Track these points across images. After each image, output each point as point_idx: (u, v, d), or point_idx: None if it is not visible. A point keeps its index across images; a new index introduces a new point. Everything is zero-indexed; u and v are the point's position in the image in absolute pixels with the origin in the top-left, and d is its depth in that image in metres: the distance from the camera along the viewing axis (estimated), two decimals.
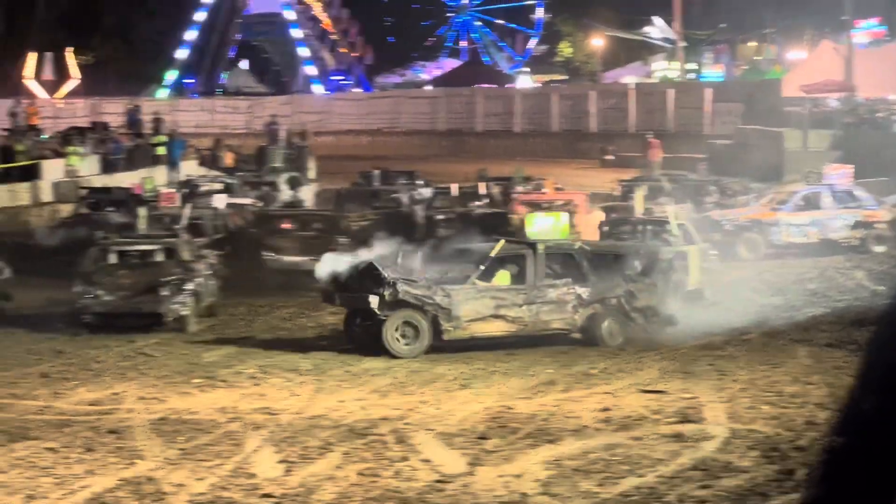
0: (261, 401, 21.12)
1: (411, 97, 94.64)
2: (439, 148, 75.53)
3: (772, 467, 16.28)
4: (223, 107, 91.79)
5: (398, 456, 17.40)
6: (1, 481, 16.45)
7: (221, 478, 16.44)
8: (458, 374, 23.12)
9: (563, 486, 15.80)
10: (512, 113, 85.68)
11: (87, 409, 20.70)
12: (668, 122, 74.83)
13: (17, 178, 50.76)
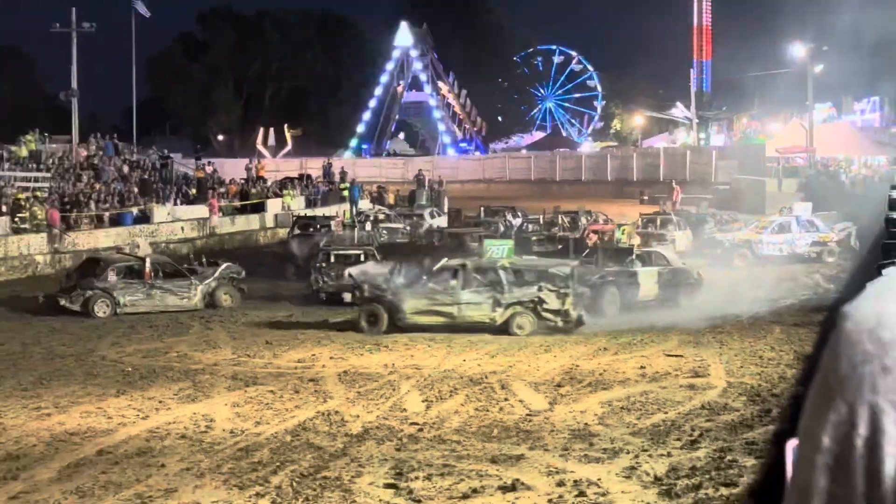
0: (410, 360, 21.18)
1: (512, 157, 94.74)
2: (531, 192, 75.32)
3: (755, 407, 16.14)
4: (387, 164, 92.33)
5: (502, 397, 17.42)
6: (239, 412, 16.63)
7: (384, 411, 16.53)
8: (542, 342, 23.03)
9: (612, 418, 15.77)
10: (580, 168, 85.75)
11: (294, 364, 20.87)
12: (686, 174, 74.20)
13: (251, 211, 51.34)
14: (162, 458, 13.87)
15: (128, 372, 20.31)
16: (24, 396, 18.07)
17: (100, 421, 16.11)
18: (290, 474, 12.99)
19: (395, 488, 12.36)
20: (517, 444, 14.35)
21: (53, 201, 40.74)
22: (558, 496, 11.92)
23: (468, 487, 12.30)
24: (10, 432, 15.46)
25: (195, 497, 12.15)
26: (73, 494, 12.37)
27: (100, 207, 42.86)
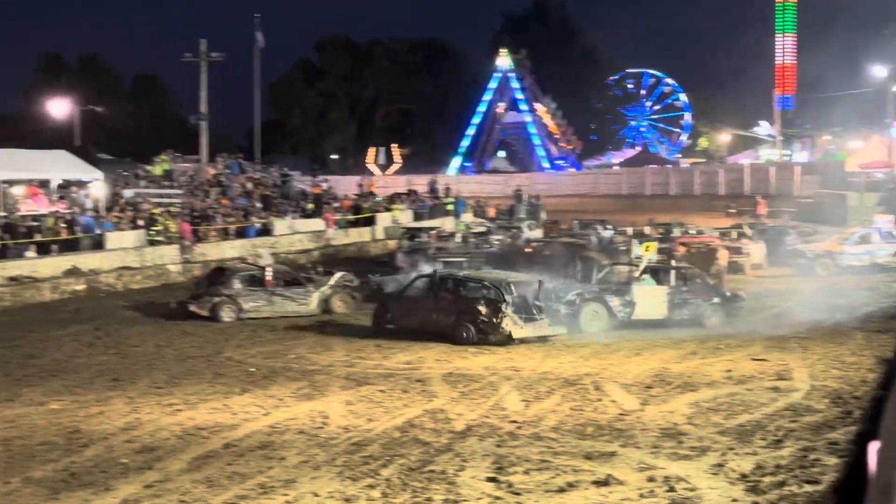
0: (510, 362, 21.13)
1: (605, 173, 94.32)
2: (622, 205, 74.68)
3: (837, 409, 15.78)
4: (488, 180, 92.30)
5: (595, 397, 17.29)
6: (352, 409, 16.74)
7: (485, 410, 16.51)
8: (633, 346, 22.84)
9: (700, 418, 15.55)
10: (668, 183, 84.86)
11: (402, 366, 20.95)
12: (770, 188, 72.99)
13: (363, 224, 51.70)
14: (282, 452, 14.02)
15: (251, 372, 20.59)
16: (158, 394, 18.42)
17: (226, 416, 16.34)
18: (399, 468, 13.03)
19: (496, 482, 12.33)
20: (610, 441, 14.23)
21: (185, 216, 41.50)
22: (649, 491, 11.79)
23: (564, 482, 12.22)
24: (145, 426, 15.75)
25: (312, 488, 12.24)
26: (201, 484, 12.55)
27: (226, 221, 43.55)
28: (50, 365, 21.97)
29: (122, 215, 39.62)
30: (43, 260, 33.90)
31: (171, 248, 38.66)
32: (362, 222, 51.97)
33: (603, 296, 25.98)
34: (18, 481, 12.85)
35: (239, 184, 50.60)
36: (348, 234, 49.89)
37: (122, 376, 20.32)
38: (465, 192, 74.83)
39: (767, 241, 40.87)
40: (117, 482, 12.70)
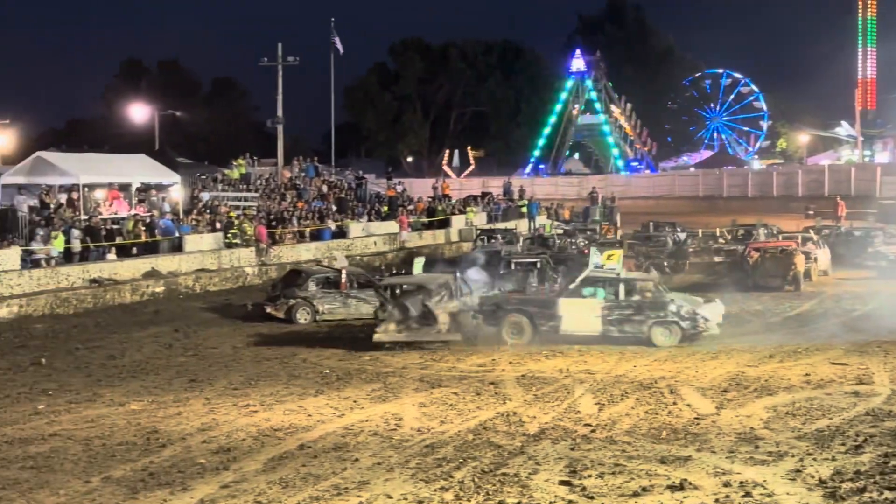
0: (583, 365, 21.02)
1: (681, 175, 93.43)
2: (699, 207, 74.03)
3: None
4: (563, 182, 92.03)
5: (670, 401, 17.14)
6: (425, 412, 16.78)
7: (559, 413, 16.45)
8: (708, 350, 22.59)
9: (777, 423, 15.36)
10: (746, 184, 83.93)
11: (476, 368, 20.95)
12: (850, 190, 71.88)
13: (437, 227, 51.83)
14: (356, 453, 14.10)
15: (326, 374, 20.73)
16: (235, 395, 18.64)
17: (301, 418, 16.48)
18: (472, 470, 13.04)
19: (570, 485, 12.28)
20: (685, 445, 14.10)
21: (261, 218, 41.94)
22: (725, 496, 11.66)
23: (638, 486, 12.14)
24: (221, 427, 15.94)
25: (385, 489, 12.30)
26: (276, 485, 12.68)
27: (301, 224, 43.92)
28: (130, 366, 22.35)
29: (199, 218, 40.16)
30: (123, 262, 34.47)
31: (248, 250, 39.09)
32: (436, 225, 52.12)
33: (526, 307, 24.40)
34: (98, 480, 13.09)
35: (314, 187, 51.00)
36: (422, 237, 50.04)
37: (200, 377, 20.60)
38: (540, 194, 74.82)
39: (852, 243, 40.15)
40: (194, 482, 12.88)
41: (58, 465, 13.93)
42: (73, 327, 28.30)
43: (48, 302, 30.58)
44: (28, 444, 15.07)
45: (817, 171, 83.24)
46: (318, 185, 51.64)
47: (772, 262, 33.38)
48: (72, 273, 32.34)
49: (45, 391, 19.38)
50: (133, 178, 40.14)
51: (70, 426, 16.26)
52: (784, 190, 79.98)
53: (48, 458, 14.30)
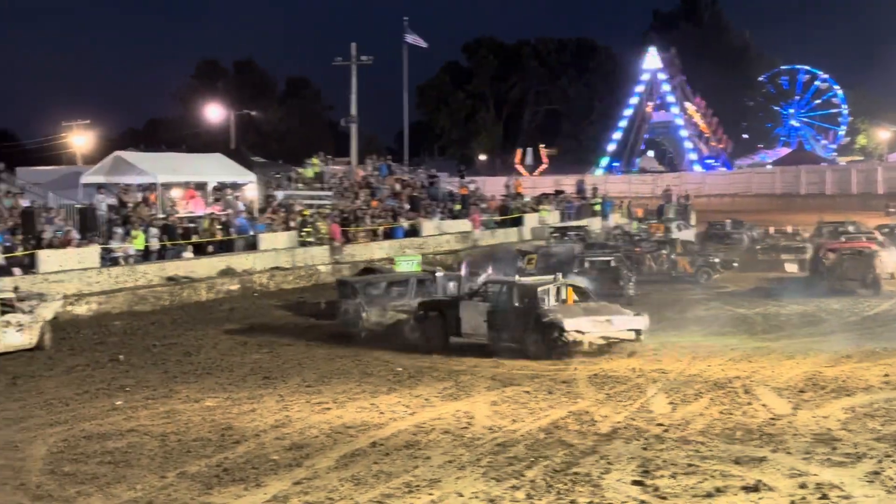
0: (657, 364, 20.86)
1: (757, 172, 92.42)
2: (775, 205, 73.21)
3: None
4: (637, 180, 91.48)
5: (745, 401, 16.95)
6: (497, 410, 16.77)
7: (631, 412, 16.35)
8: (784, 349, 22.30)
9: (855, 424, 15.11)
10: (824, 182, 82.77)
11: (548, 368, 20.85)
12: None
13: (510, 225, 51.77)
14: (427, 451, 14.12)
15: (397, 371, 20.80)
16: (308, 392, 18.77)
17: (373, 415, 16.55)
18: (544, 469, 12.99)
19: (642, 485, 12.18)
20: (760, 446, 13.92)
21: (335, 217, 42.19)
22: (801, 498, 11.48)
23: (712, 486, 12.00)
24: (295, 424, 16.06)
25: (457, 487, 12.30)
26: (348, 482, 12.74)
27: (375, 222, 44.12)
28: (205, 363, 22.61)
29: (274, 217, 40.52)
30: (199, 260, 34.90)
31: (322, 248, 39.35)
32: (509, 223, 52.03)
33: (440, 309, 23.72)
34: (174, 476, 13.25)
35: (388, 185, 51.19)
36: (495, 235, 49.99)
37: (274, 375, 20.78)
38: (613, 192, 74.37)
39: None
40: (268, 478, 12.99)
41: (134, 460, 14.14)
42: (151, 324, 28.71)
43: (126, 299, 31.07)
44: (106, 440, 15.31)
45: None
46: (391, 183, 51.83)
47: (850, 264, 32.24)
48: (149, 271, 32.83)
49: (122, 387, 19.69)
50: (209, 177, 40.65)
51: (147, 422, 16.50)
52: (863, 187, 78.75)
53: (125, 453, 14.52)
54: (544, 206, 55.68)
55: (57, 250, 30.65)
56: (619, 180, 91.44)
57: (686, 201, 63.13)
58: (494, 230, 50.50)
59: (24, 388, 19.82)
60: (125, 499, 12.32)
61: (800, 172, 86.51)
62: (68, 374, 21.31)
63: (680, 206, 60.24)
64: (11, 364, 22.35)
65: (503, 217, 52.37)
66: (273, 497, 12.21)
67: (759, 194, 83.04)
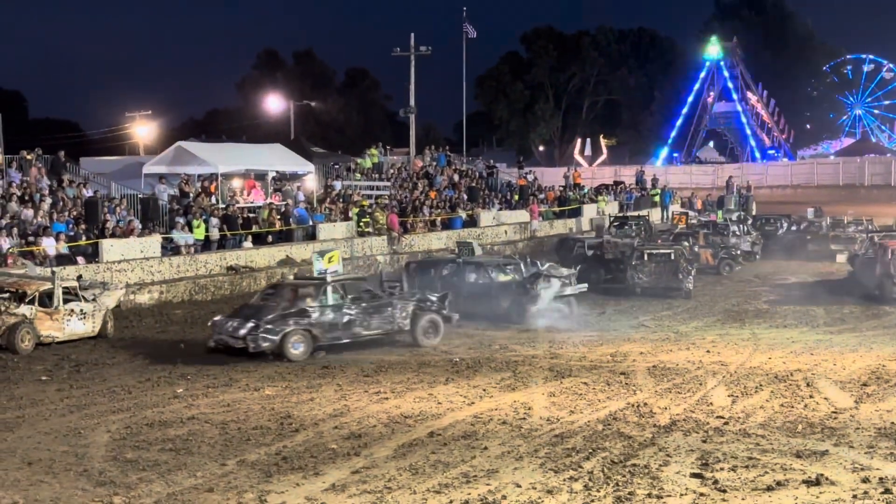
0: (716, 357, 20.72)
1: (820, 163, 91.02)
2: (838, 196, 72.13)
3: None
4: (697, 171, 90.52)
5: (807, 394, 16.79)
6: (555, 401, 16.74)
7: (690, 404, 16.25)
8: (846, 342, 22.04)
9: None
10: (889, 173, 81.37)
11: (606, 358, 20.81)
12: None
13: (568, 216, 51.61)
14: (485, 442, 14.13)
15: (455, 362, 20.83)
16: (366, 382, 18.85)
17: (430, 406, 16.59)
18: (602, 461, 12.95)
19: (701, 478, 12.10)
20: (821, 440, 13.77)
21: (393, 207, 42.30)
22: (863, 492, 11.35)
23: (772, 480, 11.90)
24: (353, 413, 16.15)
25: (514, 478, 12.30)
26: (406, 471, 12.79)
27: (433, 213, 44.17)
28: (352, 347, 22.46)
29: (333, 207, 40.71)
30: (259, 250, 35.16)
31: (380, 239, 39.48)
32: (567, 214, 51.85)
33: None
34: (234, 463, 13.38)
35: (446, 176, 51.23)
36: (553, 226, 49.85)
37: (332, 364, 20.88)
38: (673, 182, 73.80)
39: None
40: (326, 467, 13.08)
41: (195, 447, 14.29)
42: (211, 313, 28.84)
43: (187, 288, 31.40)
44: (167, 427, 15.49)
45: None
46: (449, 174, 51.85)
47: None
48: (210, 260, 33.13)
49: (183, 375, 19.89)
50: (269, 168, 40.89)
51: (207, 410, 16.66)
52: None
53: (186, 440, 14.67)
54: (603, 197, 55.44)
55: (119, 239, 31.03)
56: (680, 171, 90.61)
57: (747, 192, 62.54)
58: (553, 221, 50.35)
59: (87, 375, 20.09)
60: (186, 486, 12.46)
61: (864, 163, 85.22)
62: (130, 362, 21.57)
63: (741, 197, 59.69)
64: (75, 351, 22.66)
65: (561, 208, 52.20)
66: (331, 485, 12.29)
67: (821, 185, 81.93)
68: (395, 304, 23.24)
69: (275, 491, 12.14)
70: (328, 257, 23.88)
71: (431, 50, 54.75)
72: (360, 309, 22.75)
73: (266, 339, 21.36)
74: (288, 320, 21.77)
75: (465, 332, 24.77)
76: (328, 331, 22.21)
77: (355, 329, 22.60)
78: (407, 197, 45.79)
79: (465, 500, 11.54)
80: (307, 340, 21.84)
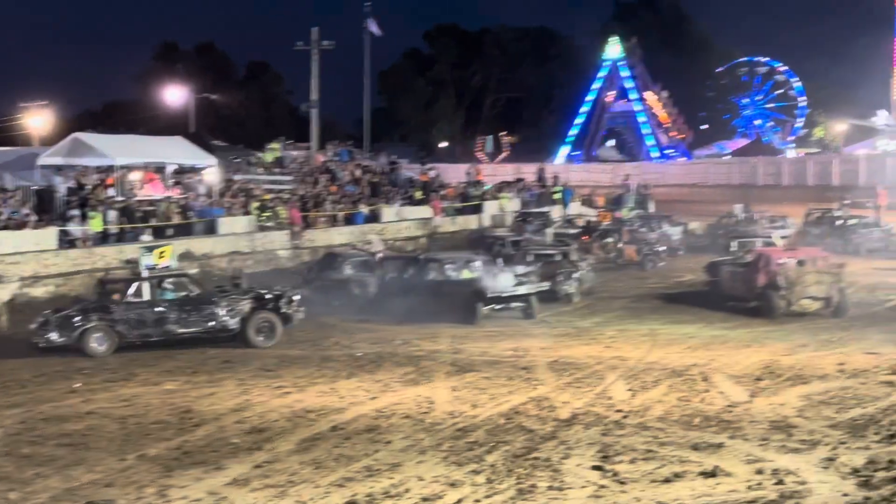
0: (615, 352, 20.99)
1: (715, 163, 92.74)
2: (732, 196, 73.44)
3: None
4: (596, 169, 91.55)
5: (703, 388, 17.11)
6: (457, 395, 16.82)
7: (591, 398, 16.45)
8: (741, 337, 22.53)
9: (811, 412, 15.28)
10: (781, 173, 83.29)
11: (508, 353, 20.97)
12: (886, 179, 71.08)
13: (470, 212, 51.80)
14: (388, 436, 14.15)
15: (358, 356, 20.81)
16: (268, 377, 18.75)
17: (333, 400, 16.55)
18: (504, 454, 13.05)
19: (602, 470, 12.28)
20: (717, 433, 14.06)
21: (295, 202, 42.03)
22: (757, 483, 11.62)
23: (670, 472, 12.11)
24: (255, 408, 16.04)
25: (417, 472, 12.34)
26: (309, 465, 12.74)
27: (335, 208, 44.00)
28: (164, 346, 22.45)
29: (234, 201, 40.31)
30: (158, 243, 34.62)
31: (281, 233, 39.20)
32: (469, 210, 52.05)
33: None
34: (134, 458, 13.21)
35: (348, 171, 51.05)
36: (455, 222, 50.02)
37: (233, 359, 20.72)
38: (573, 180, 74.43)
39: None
40: (228, 461, 12.97)
41: (93, 442, 14.07)
42: None
43: (84, 282, 30.74)
44: (64, 422, 15.22)
45: (853, 160, 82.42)
46: (351, 169, 51.69)
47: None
48: (107, 254, 32.55)
49: (81, 370, 19.56)
50: (169, 161, 40.33)
51: (105, 405, 16.42)
52: (819, 179, 79.31)
53: (84, 435, 14.44)
54: (504, 195, 55.73)
55: (13, 232, 30.35)
56: (579, 169, 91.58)
57: (645, 190, 63.41)
58: (455, 217, 50.51)
59: None
60: (84, 481, 12.26)
61: (757, 164, 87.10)
62: (25, 357, 21.12)
63: (640, 196, 60.53)
64: None
65: (464, 204, 52.38)
66: (234, 480, 12.19)
67: (716, 185, 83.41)
68: (219, 303, 22.65)
69: (176, 485, 12.01)
70: (159, 252, 23.64)
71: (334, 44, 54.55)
72: (174, 306, 22.31)
73: (59, 334, 21.42)
74: (90, 315, 21.58)
75: (366, 328, 24.78)
76: (135, 328, 21.93)
77: (168, 327, 22.22)
78: (309, 192, 45.53)
79: (369, 493, 11.54)
80: (111, 337, 21.62)
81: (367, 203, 46.33)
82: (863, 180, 73.81)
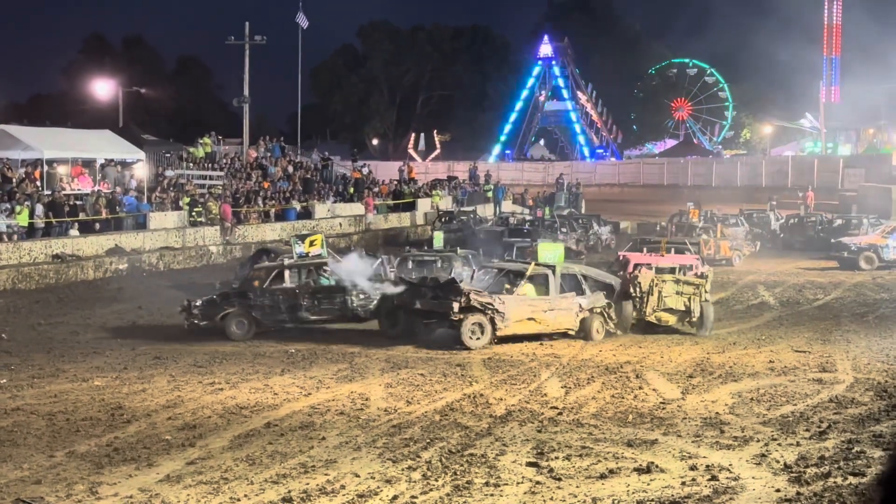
0: (549, 349, 21.10)
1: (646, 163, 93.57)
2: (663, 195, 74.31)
3: (882, 402, 15.69)
4: (529, 168, 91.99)
5: (636, 385, 17.24)
6: (392, 392, 16.77)
7: (525, 395, 16.50)
8: (671, 337, 22.74)
9: (742, 409, 15.48)
10: (711, 174, 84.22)
11: (442, 350, 20.94)
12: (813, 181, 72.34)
13: (403, 210, 51.79)
14: (322, 432, 14.07)
15: (291, 353, 20.68)
16: (200, 373, 18.55)
17: (267, 396, 16.42)
18: (439, 450, 13.04)
19: (537, 466, 12.31)
20: (651, 429, 14.17)
21: (226, 198, 41.68)
22: (691, 479, 11.73)
23: (605, 468, 12.18)
24: (187, 404, 15.86)
25: (353, 468, 12.28)
26: (243, 462, 12.62)
27: (267, 204, 43.72)
28: (93, 342, 22.17)
29: (164, 196, 39.87)
30: (86, 238, 34.18)
31: (213, 229, 38.88)
32: (402, 207, 52.05)
33: None
34: (63, 455, 12.98)
35: (280, 167, 50.76)
36: (388, 219, 49.99)
37: (164, 354, 20.48)
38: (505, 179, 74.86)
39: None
40: (160, 458, 12.80)
41: (21, 439, 13.80)
42: (35, 303, 28.05)
43: (10, 277, 30.27)
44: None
45: (781, 161, 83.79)
46: (283, 165, 51.40)
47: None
48: (34, 248, 32.04)
49: (6, 366, 19.20)
50: (97, 154, 39.77)
51: (33, 401, 16.12)
52: (748, 180, 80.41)
53: (11, 432, 14.16)
54: (437, 192, 55.84)
55: None
56: (512, 168, 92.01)
57: (577, 190, 63.91)
58: (387, 215, 50.47)
59: None
60: (12, 478, 12.01)
61: (687, 164, 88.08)
62: None
63: (571, 195, 60.96)
64: None
65: (396, 202, 52.37)
66: (166, 476, 12.03)
67: (647, 185, 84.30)
68: (351, 291, 23.02)
69: (107, 483, 11.81)
70: (310, 241, 24.37)
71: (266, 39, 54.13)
72: (306, 294, 22.96)
73: (202, 317, 22.76)
74: (231, 301, 22.95)
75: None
76: (270, 314, 22.95)
77: (301, 314, 23.03)
78: (240, 187, 45.19)
79: (304, 490, 11.45)
80: (250, 322, 22.73)
81: (300, 199, 46.11)
82: (791, 181, 75.04)
